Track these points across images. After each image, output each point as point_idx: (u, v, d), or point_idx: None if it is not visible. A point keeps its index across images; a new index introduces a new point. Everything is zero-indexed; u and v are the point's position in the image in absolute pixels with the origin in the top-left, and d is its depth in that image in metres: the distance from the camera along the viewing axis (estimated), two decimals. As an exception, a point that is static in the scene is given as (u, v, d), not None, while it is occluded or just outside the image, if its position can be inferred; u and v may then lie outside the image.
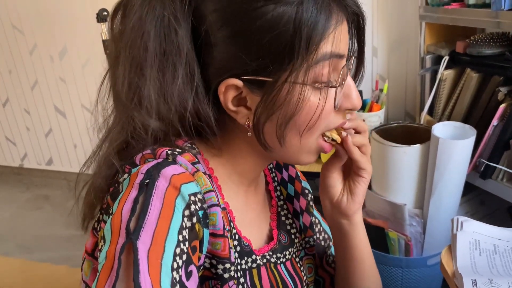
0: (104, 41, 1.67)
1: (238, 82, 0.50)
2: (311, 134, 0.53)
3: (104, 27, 1.64)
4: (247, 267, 0.58)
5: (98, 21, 1.62)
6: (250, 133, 0.53)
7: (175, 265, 0.43)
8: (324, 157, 1.45)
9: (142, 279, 0.40)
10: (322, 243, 0.75)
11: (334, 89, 0.51)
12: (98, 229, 0.53)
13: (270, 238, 0.65)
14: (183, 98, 0.50)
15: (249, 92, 0.51)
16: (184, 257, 0.45)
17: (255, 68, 0.49)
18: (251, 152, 0.57)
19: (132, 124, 0.50)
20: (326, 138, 0.56)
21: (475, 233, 0.78)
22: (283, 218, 0.68)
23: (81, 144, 2.48)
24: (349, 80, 0.53)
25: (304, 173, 0.80)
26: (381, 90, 1.55)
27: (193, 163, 0.52)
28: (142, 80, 0.49)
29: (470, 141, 1.14)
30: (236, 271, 0.54)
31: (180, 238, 0.45)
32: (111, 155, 0.52)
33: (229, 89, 0.51)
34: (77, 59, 2.25)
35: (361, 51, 0.56)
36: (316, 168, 1.46)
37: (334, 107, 0.52)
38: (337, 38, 0.49)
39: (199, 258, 0.49)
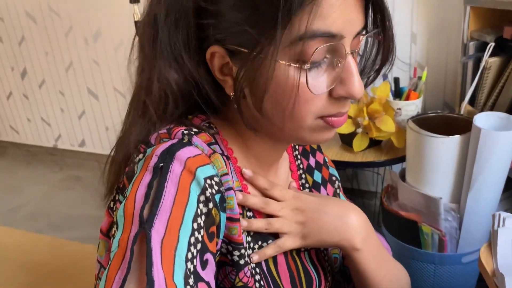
0: (136, 22, 1.66)
1: (220, 50, 0.47)
2: (299, 116, 0.47)
3: (137, 8, 1.63)
4: None
5: (130, 2, 1.61)
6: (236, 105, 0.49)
7: (189, 256, 0.41)
8: (357, 147, 1.40)
9: (155, 272, 0.38)
10: None
11: (313, 70, 0.45)
12: (114, 209, 0.52)
13: None
14: (184, 60, 0.49)
15: (232, 62, 0.48)
16: (199, 246, 0.43)
17: (234, 36, 0.46)
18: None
19: (152, 78, 0.49)
20: None
21: (519, 230, 0.73)
22: None
23: (113, 126, 2.50)
24: (351, 63, 0.46)
25: (333, 162, 0.76)
26: (420, 78, 1.48)
27: (210, 144, 0.50)
28: (157, 36, 0.49)
29: (515, 133, 1.07)
30: (248, 256, 0.52)
31: (195, 226, 0.43)
32: (135, 118, 0.51)
33: (214, 57, 0.49)
34: (110, 42, 2.27)
35: (385, 33, 0.49)
36: (347, 157, 1.41)
37: (311, 91, 0.45)
38: (324, 14, 0.42)
39: (217, 243, 0.48)
